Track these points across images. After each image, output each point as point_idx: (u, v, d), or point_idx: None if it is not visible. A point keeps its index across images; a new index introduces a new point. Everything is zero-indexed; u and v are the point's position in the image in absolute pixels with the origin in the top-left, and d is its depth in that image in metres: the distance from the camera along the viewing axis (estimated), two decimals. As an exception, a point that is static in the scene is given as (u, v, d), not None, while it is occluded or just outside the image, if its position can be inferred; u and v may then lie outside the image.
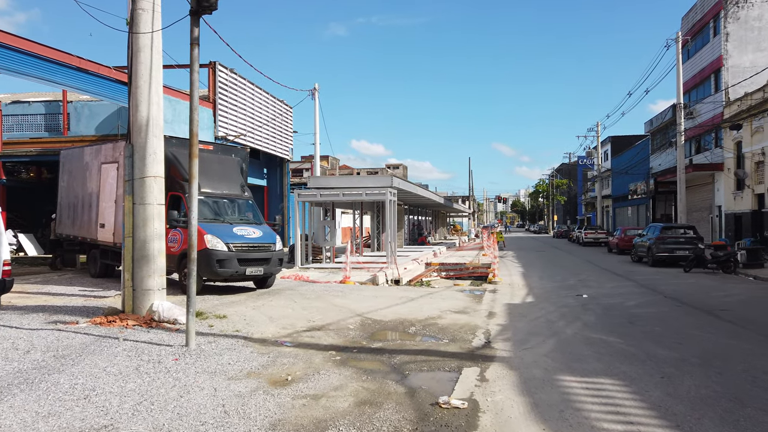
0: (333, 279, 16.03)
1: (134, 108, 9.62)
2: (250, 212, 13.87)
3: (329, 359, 7.19)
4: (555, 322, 10.17)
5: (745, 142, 29.77)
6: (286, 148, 31.59)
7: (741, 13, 31.93)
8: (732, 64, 32.08)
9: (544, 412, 5.33)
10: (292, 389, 5.91)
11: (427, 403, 5.54)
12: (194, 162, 7.74)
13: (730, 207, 31.91)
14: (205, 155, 13.56)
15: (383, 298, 12.69)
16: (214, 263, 11.89)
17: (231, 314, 10.07)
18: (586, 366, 7.01)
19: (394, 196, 20.28)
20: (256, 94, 27.55)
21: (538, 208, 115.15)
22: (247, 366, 6.75)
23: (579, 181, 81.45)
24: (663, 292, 14.23)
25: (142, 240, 9.31)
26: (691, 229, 23.25)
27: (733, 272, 18.85)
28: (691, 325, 9.80)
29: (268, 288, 13.65)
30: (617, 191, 56.31)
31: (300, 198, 20.19)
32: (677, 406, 5.46)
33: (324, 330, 9.06)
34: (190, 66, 7.65)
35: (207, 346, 7.68)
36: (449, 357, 7.46)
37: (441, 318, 10.35)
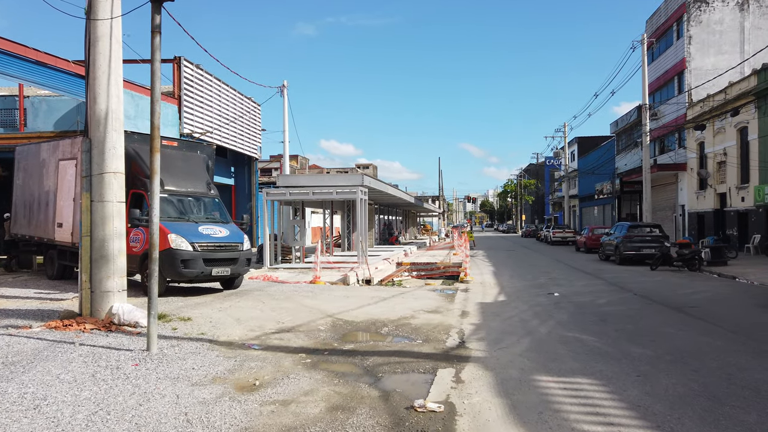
0: (303, 279, 15.70)
1: (92, 100, 9.13)
2: (216, 211, 13.44)
3: (299, 362, 6.91)
4: (528, 320, 10.08)
5: (707, 143, 30.50)
6: (255, 146, 31.03)
7: (703, 17, 32.72)
8: (694, 67, 32.86)
9: (522, 414, 5.16)
10: (260, 395, 5.61)
11: (402, 407, 5.32)
12: (155, 156, 7.35)
13: (693, 206, 32.67)
14: (169, 152, 13.09)
15: (355, 299, 12.43)
16: (178, 263, 11.45)
17: (196, 316, 9.68)
18: (563, 365, 6.89)
19: (365, 195, 20.04)
20: (223, 91, 26.96)
21: (507, 208, 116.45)
22: (212, 371, 6.42)
23: (546, 181, 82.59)
24: (632, 290, 14.34)
25: (101, 239, 8.85)
26: (657, 227, 23.64)
27: (698, 270, 19.19)
28: (662, 322, 9.83)
29: (235, 289, 13.25)
30: (584, 191, 57.22)
31: (269, 197, 19.76)
32: (656, 405, 5.36)
33: (294, 332, 8.76)
34: (151, 55, 7.26)
35: (170, 350, 7.30)
36: (423, 358, 7.25)
37: (414, 318, 10.15)
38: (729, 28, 32.52)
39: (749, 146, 26.12)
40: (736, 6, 32.39)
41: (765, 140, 24.60)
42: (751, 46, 31.52)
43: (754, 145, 25.52)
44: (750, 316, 10.47)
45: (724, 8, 32.49)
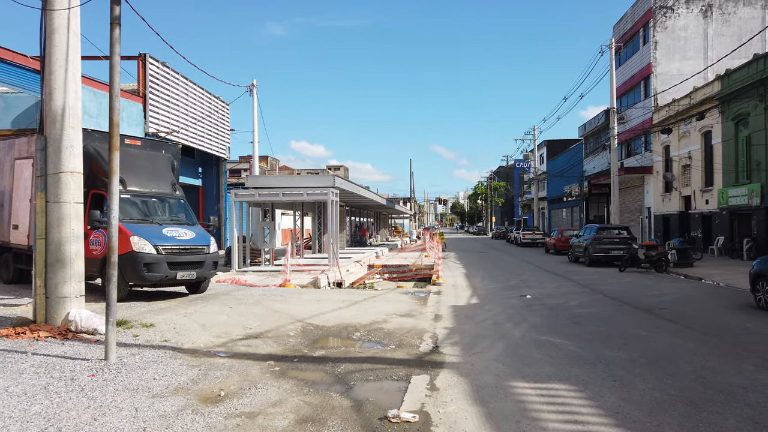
0: (272, 282, 15.34)
1: (48, 96, 8.67)
2: (182, 212, 13.00)
3: (267, 370, 6.62)
4: (502, 324, 9.97)
5: (672, 147, 31.12)
6: (223, 146, 30.43)
7: (668, 23, 33.41)
8: (660, 72, 33.51)
9: (499, 424, 4.99)
10: (226, 407, 5.32)
11: (375, 418, 5.09)
12: (115, 155, 6.96)
13: (659, 208, 33.30)
14: (131, 151, 12.61)
15: (325, 302, 12.16)
16: (141, 267, 10.99)
17: (159, 322, 9.27)
18: (538, 370, 6.76)
19: (336, 196, 19.74)
20: (190, 90, 26.34)
21: (477, 210, 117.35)
22: (174, 381, 6.09)
23: (516, 184, 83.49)
24: (603, 292, 14.41)
25: (57, 242, 8.39)
26: (625, 229, 23.95)
27: (665, 271, 19.47)
28: (633, 324, 9.83)
29: (201, 293, 12.83)
30: (552, 193, 57.96)
31: (237, 198, 19.30)
32: (634, 411, 5.25)
33: (262, 338, 8.45)
34: (110, 48, 6.88)
35: (130, 359, 6.93)
36: (397, 364, 7.04)
37: (386, 322, 9.93)
38: (693, 34, 33.28)
39: (713, 150, 26.72)
40: (700, 13, 33.17)
41: (728, 144, 25.19)
42: (714, 52, 32.31)
43: (718, 149, 26.12)
44: (719, 317, 10.57)
45: (688, 15, 33.24)
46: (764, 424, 4.92)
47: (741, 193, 23.77)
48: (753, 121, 23.19)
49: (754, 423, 4.94)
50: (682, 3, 33.11)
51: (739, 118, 24.35)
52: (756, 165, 23.13)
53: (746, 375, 6.46)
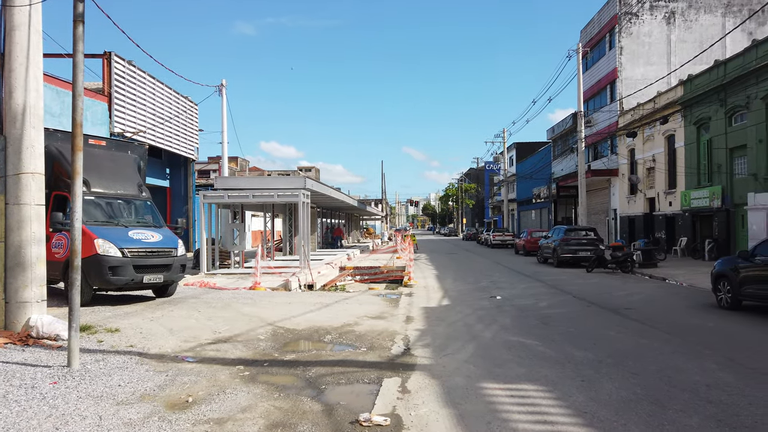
0: (242, 285, 15.14)
1: (8, 95, 8.38)
2: (148, 214, 12.73)
3: (237, 375, 6.52)
4: (473, 325, 10.04)
5: (637, 150, 31.87)
6: (191, 146, 29.94)
7: (633, 29, 34.22)
8: (625, 76, 34.30)
9: (470, 425, 5.01)
10: (193, 413, 5.21)
11: (347, 422, 5.06)
12: (78, 155, 6.77)
13: (625, 210, 34.05)
14: (96, 151, 12.30)
15: (296, 305, 12.05)
16: (106, 270, 10.72)
17: (125, 327, 9.05)
18: (509, 371, 6.82)
19: (307, 198, 19.61)
20: (157, 89, 25.85)
21: (448, 212, 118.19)
22: (140, 387, 5.94)
23: (486, 186, 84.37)
24: (571, 293, 14.64)
25: (17, 245, 8.11)
26: (592, 231, 24.42)
27: (630, 272, 19.91)
28: (601, 325, 10.01)
29: (169, 297, 12.58)
30: (522, 195, 58.76)
31: (206, 199, 19.01)
32: (602, 411, 5.34)
33: (231, 342, 8.32)
34: (74, 46, 6.69)
35: (94, 365, 6.74)
36: (368, 367, 7.01)
37: (358, 324, 9.90)
38: (657, 40, 34.16)
39: (676, 153, 27.45)
40: (663, 20, 34.06)
41: (691, 148, 25.91)
42: (677, 57, 33.21)
43: (681, 152, 26.84)
44: (682, 317, 10.84)
45: (652, 21, 34.11)
46: (727, 421, 5.06)
47: (703, 195, 24.47)
48: (714, 125, 23.90)
49: (717, 420, 5.07)
50: (646, 9, 33.95)
51: (701, 123, 25.08)
52: (717, 168, 23.84)
53: (709, 373, 6.64)
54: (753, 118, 21.13)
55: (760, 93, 20.52)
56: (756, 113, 20.88)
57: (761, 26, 32.49)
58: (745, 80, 21.37)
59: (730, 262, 11.74)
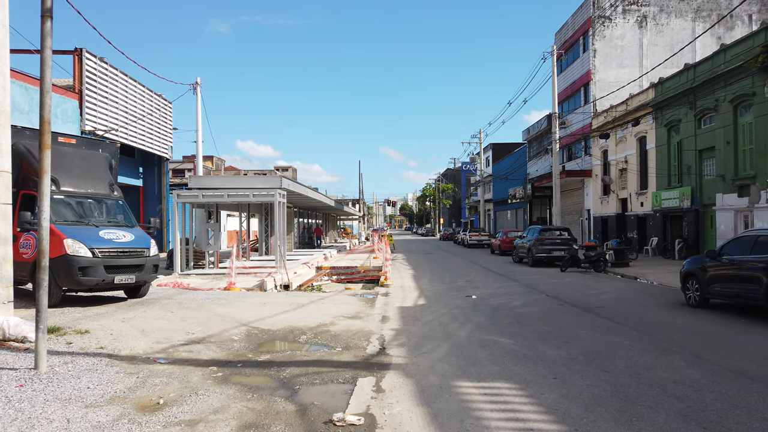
0: (217, 286, 14.99)
1: (-27, 90, 8.16)
2: (120, 214, 12.52)
3: (209, 376, 6.46)
4: (448, 324, 10.09)
5: (610, 151, 32.39)
6: (165, 145, 29.53)
7: (606, 32, 34.78)
8: (599, 79, 34.84)
9: (444, 424, 5.04)
10: (164, 415, 5.15)
11: (320, 422, 5.04)
12: (46, 153, 6.63)
13: (598, 210, 34.59)
14: (66, 149, 12.05)
15: (272, 305, 11.98)
16: (75, 271, 10.51)
17: (95, 329, 8.89)
18: (482, 370, 6.88)
19: (283, 197, 19.50)
20: (130, 87, 25.44)
21: (425, 212, 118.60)
22: (110, 389, 5.85)
23: (463, 186, 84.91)
24: (545, 292, 14.82)
25: (-18, 245, 7.91)
26: (566, 231, 24.75)
27: (603, 271, 20.23)
28: (573, 323, 10.15)
29: (141, 297, 12.39)
30: (498, 195, 59.28)
31: (180, 199, 18.76)
32: (572, 407, 5.42)
33: (204, 343, 8.24)
34: (41, 41, 6.54)
35: (62, 367, 6.61)
36: (343, 367, 7.01)
37: (333, 324, 9.88)
38: (629, 43, 34.78)
39: (648, 155, 27.99)
40: (635, 23, 34.69)
41: (661, 149, 26.45)
42: (648, 61, 33.86)
43: (652, 154, 27.38)
44: (652, 315, 11.06)
45: (625, 24, 34.71)
46: (693, 416, 5.18)
47: (673, 196, 25.00)
48: (684, 127, 24.44)
49: (683, 416, 5.19)
50: (619, 13, 34.55)
51: (672, 125, 25.62)
52: (687, 169, 24.38)
53: (677, 370, 6.78)
54: (721, 121, 21.66)
55: (728, 96, 21.04)
56: (724, 116, 21.40)
57: (729, 31, 33.31)
58: (713, 83, 21.89)
59: (699, 261, 12.01)
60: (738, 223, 20.58)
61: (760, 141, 19.42)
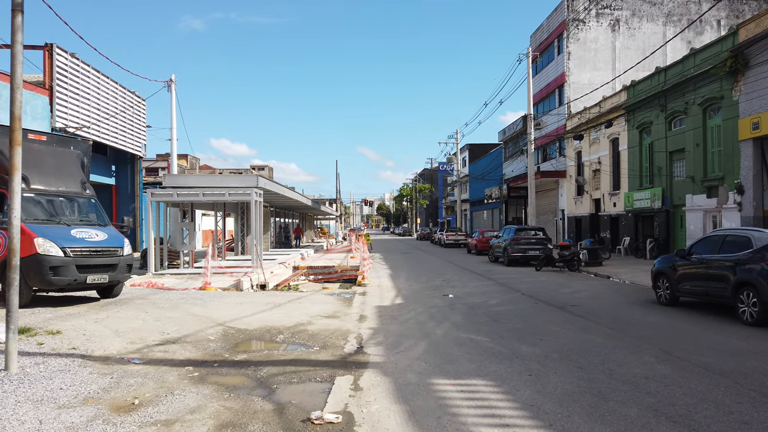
0: (192, 285, 14.82)
1: (-61, 85, 7.94)
2: (92, 213, 12.29)
3: (185, 376, 6.40)
4: (425, 323, 10.16)
5: (584, 152, 32.91)
6: (139, 143, 29.08)
7: (581, 35, 35.33)
8: (573, 81, 35.37)
9: (421, 421, 5.08)
10: (140, 415, 5.09)
11: (298, 420, 5.05)
12: (16, 150, 6.49)
13: (572, 210, 35.11)
14: (36, 146, 11.78)
15: (248, 305, 11.90)
16: (46, 270, 10.29)
17: (67, 329, 8.72)
18: (459, 367, 6.95)
19: (260, 197, 19.36)
20: (102, 83, 24.99)
21: (403, 212, 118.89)
22: (83, 390, 5.76)
23: (440, 186, 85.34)
24: (520, 290, 15.01)
25: (-51, 244, 7.70)
26: (541, 230, 25.07)
27: (577, 270, 20.56)
28: (548, 321, 10.31)
29: (114, 297, 12.19)
30: (474, 195, 59.75)
31: (154, 198, 18.50)
32: (547, 404, 5.51)
33: (180, 343, 8.15)
34: (12, 36, 6.41)
35: (33, 368, 6.48)
36: (321, 366, 7.01)
37: (311, 324, 9.86)
38: (602, 46, 35.38)
39: (620, 156, 28.51)
40: (608, 26, 35.31)
41: (633, 151, 26.98)
42: (621, 63, 34.49)
43: (624, 155, 27.90)
44: (624, 313, 11.28)
45: (598, 28, 35.30)
46: (663, 411, 5.31)
47: (645, 196, 25.52)
48: (655, 129, 24.97)
49: (654, 410, 5.32)
50: (592, 16, 35.12)
51: (643, 127, 26.15)
52: (657, 171, 24.91)
53: (648, 366, 6.94)
54: (691, 123, 22.19)
55: (697, 99, 21.56)
56: (693, 118, 21.93)
57: (699, 35, 34.13)
58: (684, 87, 22.41)
59: (669, 260, 12.30)
60: (707, 223, 21.12)
61: (728, 143, 19.95)
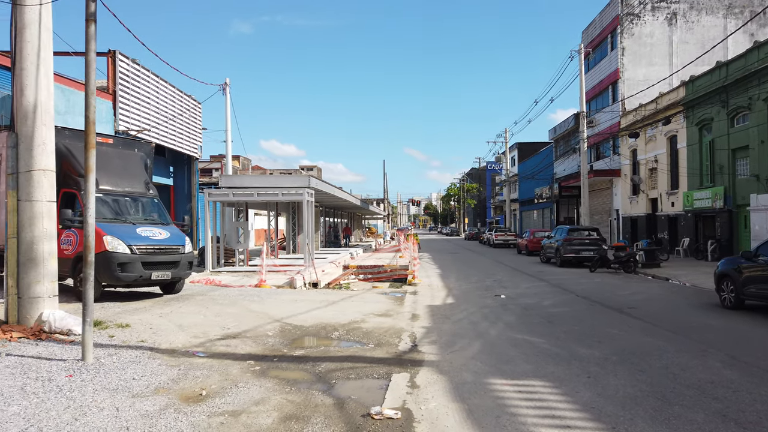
0: (247, 283, 15.24)
1: (19, 92, 8.50)
2: (155, 212, 12.83)
3: (247, 370, 6.62)
4: (478, 323, 10.13)
5: (639, 150, 31.92)
6: (195, 145, 30.04)
7: (635, 30, 34.26)
8: (628, 77, 34.34)
9: (480, 419, 5.10)
10: (208, 406, 5.31)
11: (358, 415, 5.16)
12: (91, 153, 6.90)
13: (627, 210, 34.11)
14: (104, 149, 12.39)
15: (302, 303, 12.15)
16: (114, 267, 10.82)
17: (135, 323, 9.16)
18: (515, 368, 6.92)
19: (311, 197, 19.72)
20: (161, 88, 25.94)
21: (450, 211, 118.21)
22: (154, 381, 6.05)
23: (488, 186, 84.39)
24: (574, 292, 14.73)
25: (29, 241, 8.22)
26: (594, 231, 24.50)
27: (633, 272, 19.98)
28: (605, 323, 10.10)
29: (176, 293, 12.68)
30: (524, 195, 58.82)
31: (211, 198, 19.12)
32: (608, 406, 5.43)
33: (240, 338, 8.43)
34: (86, 45, 6.80)
35: (107, 359, 6.85)
36: (377, 363, 7.11)
37: (364, 322, 10.00)
38: (659, 41, 34.21)
39: (678, 154, 27.51)
40: (665, 20, 34.11)
41: (692, 149, 25.98)
42: (678, 58, 33.26)
43: (683, 153, 26.91)
44: (686, 316, 10.93)
45: (654, 22, 34.15)
46: (732, 417, 5.15)
47: (705, 196, 24.54)
48: (716, 126, 23.97)
49: (722, 416, 5.16)
50: (648, 10, 34.01)
51: (703, 124, 25.15)
52: (719, 169, 23.91)
53: (713, 371, 6.73)
54: (755, 119, 21.20)
55: (762, 94, 20.58)
56: (758, 114, 20.94)
57: (762, 28, 32.53)
58: (746, 82, 21.43)
59: (733, 262, 11.82)
60: (773, 224, 20.12)
61: (796, 140, 18.95)
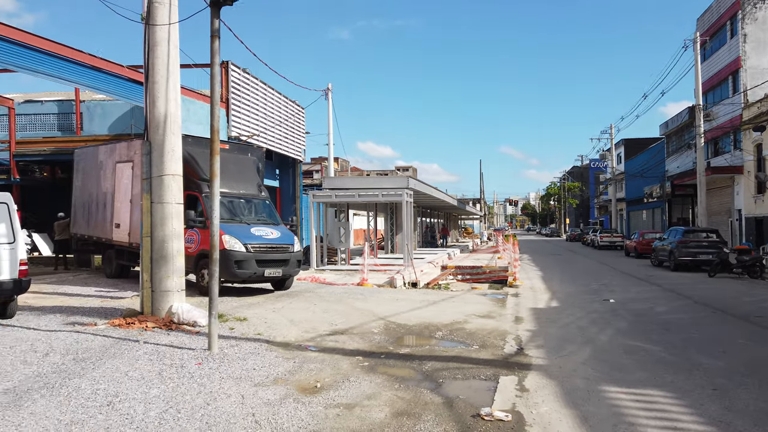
0: (350, 281, 15.71)
1: (151, 104, 9.35)
2: (266, 213, 13.58)
3: (357, 365, 6.87)
4: (586, 328, 9.79)
5: (765, 145, 29.17)
6: (299, 149, 31.32)
7: (758, 14, 31.35)
8: (750, 66, 31.50)
9: (595, 427, 4.97)
10: (323, 397, 5.59)
11: (468, 415, 5.20)
12: (215, 159, 7.45)
13: (751, 210, 31.30)
14: (222, 154, 13.24)
15: (404, 302, 12.35)
16: (232, 264, 11.60)
17: (251, 317, 9.78)
18: (630, 376, 6.63)
19: (410, 197, 19.96)
20: (268, 95, 27.31)
21: (549, 211, 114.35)
22: (273, 371, 6.45)
23: (591, 184, 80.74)
24: (691, 297, 13.79)
25: (161, 240, 9.04)
26: (714, 232, 22.74)
27: (759, 277, 18.33)
28: (729, 332, 9.39)
29: (286, 290, 13.35)
30: (631, 194, 55.66)
31: (315, 199, 19.91)
32: (738, 421, 5.08)
33: (347, 334, 8.74)
34: (211, 58, 7.37)
35: (230, 350, 7.39)
36: (482, 364, 7.11)
37: (467, 323, 9.99)
38: (789, 25, 31.05)
39: (813, 148, 24.85)
40: (797, 2, 30.90)
41: (831, 142, 23.36)
42: (813, 43, 30.00)
43: (819, 147, 24.26)
44: (824, 327, 9.90)
45: (783, 4, 31.04)
46: None
47: None
48: None
49: None
50: (776, -9, 30.96)
51: None
52: None
53: None
54: None
55: None
56: None
57: None
58: None
59: None
60: None
61: None
